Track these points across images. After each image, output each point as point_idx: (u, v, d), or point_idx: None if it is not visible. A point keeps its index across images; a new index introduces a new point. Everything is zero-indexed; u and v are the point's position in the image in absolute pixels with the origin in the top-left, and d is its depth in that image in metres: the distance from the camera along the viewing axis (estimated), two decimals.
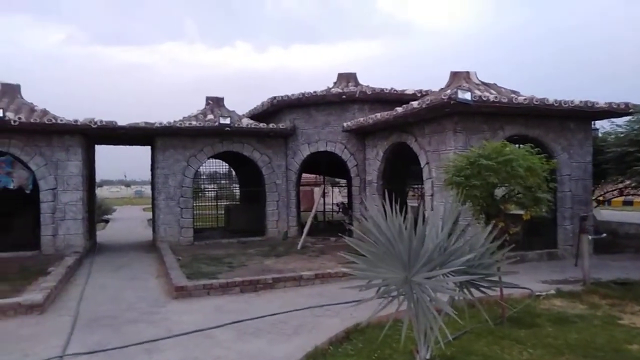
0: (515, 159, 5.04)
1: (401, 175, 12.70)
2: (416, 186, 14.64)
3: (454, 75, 10.66)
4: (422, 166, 9.95)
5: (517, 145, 6.03)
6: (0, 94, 11.58)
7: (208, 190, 16.23)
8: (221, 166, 15.88)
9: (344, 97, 12.29)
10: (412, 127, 10.22)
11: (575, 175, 9.94)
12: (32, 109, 11.36)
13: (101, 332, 5.52)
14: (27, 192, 10.98)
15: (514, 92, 10.43)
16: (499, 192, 5.48)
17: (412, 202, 14.60)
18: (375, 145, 11.99)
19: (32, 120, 10.37)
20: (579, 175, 9.96)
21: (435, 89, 11.22)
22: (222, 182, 16.90)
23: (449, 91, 8.34)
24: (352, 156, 12.66)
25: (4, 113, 10.20)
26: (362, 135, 12.49)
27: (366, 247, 4.16)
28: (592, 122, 10.55)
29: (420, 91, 12.25)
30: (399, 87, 12.45)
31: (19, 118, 10.25)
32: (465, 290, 4.18)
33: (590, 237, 8.26)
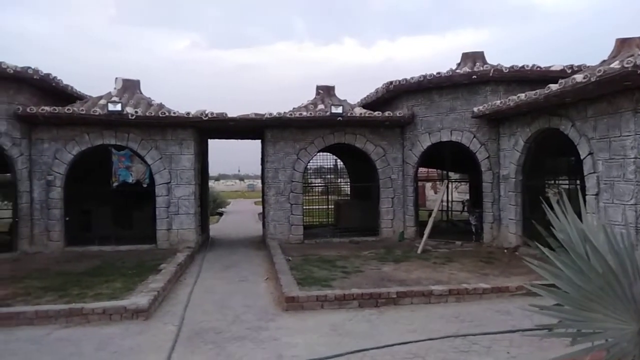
0: None
1: (542, 170, 10.56)
2: (551, 182, 12.06)
3: (622, 42, 8.45)
4: (582, 157, 7.92)
5: None
6: (121, 90, 11.85)
7: (316, 185, 15.43)
8: (327, 160, 14.93)
9: (474, 77, 10.48)
10: (568, 109, 8.21)
11: None
12: (149, 104, 11.43)
13: (204, 352, 4.76)
14: (144, 186, 11.05)
15: None
16: None
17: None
18: (513, 133, 10.06)
19: (147, 114, 10.35)
20: None
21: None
22: (329, 176, 15.99)
23: (631, 58, 6.29)
24: (482, 146, 10.81)
25: (122, 108, 10.31)
26: (495, 122, 10.61)
27: (569, 279, 2.73)
28: None
29: (571, 67, 10.01)
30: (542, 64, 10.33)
31: (136, 112, 10.27)
32: None
33: None
